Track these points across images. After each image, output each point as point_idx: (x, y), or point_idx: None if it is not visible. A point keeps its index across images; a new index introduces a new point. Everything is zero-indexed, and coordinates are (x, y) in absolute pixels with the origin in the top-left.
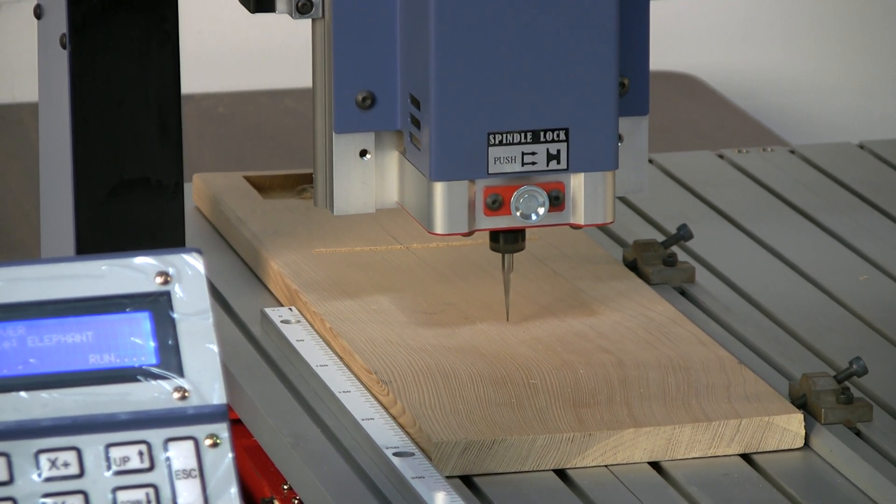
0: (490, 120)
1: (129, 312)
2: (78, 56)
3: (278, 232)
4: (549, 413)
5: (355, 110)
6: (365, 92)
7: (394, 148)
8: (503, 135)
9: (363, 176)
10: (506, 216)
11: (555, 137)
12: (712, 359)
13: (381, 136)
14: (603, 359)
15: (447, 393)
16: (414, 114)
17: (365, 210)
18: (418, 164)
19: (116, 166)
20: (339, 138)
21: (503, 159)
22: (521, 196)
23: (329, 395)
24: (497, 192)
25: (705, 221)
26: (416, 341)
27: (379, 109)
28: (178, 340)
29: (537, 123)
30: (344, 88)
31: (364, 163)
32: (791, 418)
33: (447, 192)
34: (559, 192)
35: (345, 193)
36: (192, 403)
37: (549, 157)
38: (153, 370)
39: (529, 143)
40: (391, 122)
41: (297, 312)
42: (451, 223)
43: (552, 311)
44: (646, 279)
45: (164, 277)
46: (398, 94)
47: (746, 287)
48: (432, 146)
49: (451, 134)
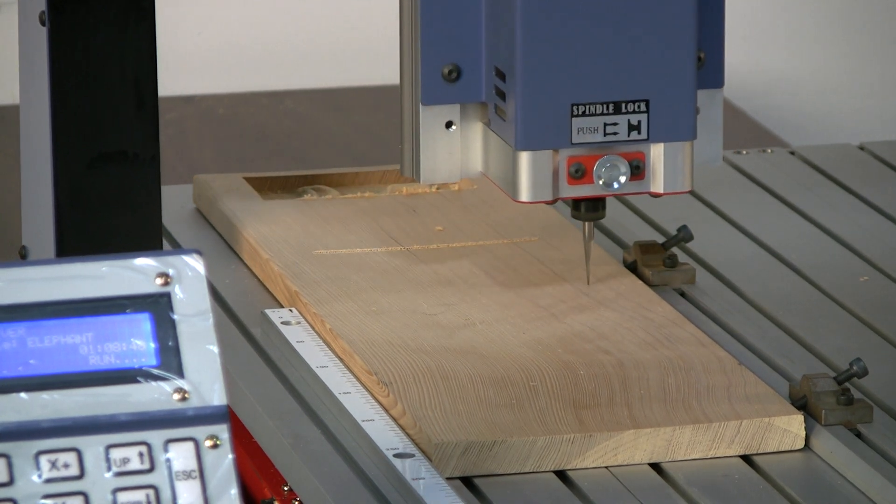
0: (573, 91)
1: (129, 313)
2: (56, 33)
3: (278, 233)
4: (549, 414)
5: (441, 83)
6: (451, 65)
7: (478, 119)
8: (586, 106)
9: (449, 146)
10: (588, 185)
11: (635, 108)
12: (712, 360)
13: (465, 107)
14: (603, 360)
15: (447, 394)
16: (499, 86)
17: (450, 179)
18: (503, 135)
19: (95, 139)
20: (426, 110)
21: (586, 130)
22: (604, 165)
23: (329, 397)
24: (580, 161)
25: (705, 223)
26: (417, 342)
27: (464, 82)
28: (178, 341)
29: (619, 95)
30: (431, 61)
31: (450, 133)
32: (791, 419)
33: (532, 161)
34: (640, 162)
35: (431, 163)
36: (193, 404)
37: (630, 128)
38: (153, 371)
39: (611, 114)
40: (476, 94)
41: (297, 314)
42: (535, 191)
43: (552, 313)
44: (646, 280)
45: (164, 279)
46: (483, 67)
47: (746, 288)
48: (518, 117)
49: (536, 105)
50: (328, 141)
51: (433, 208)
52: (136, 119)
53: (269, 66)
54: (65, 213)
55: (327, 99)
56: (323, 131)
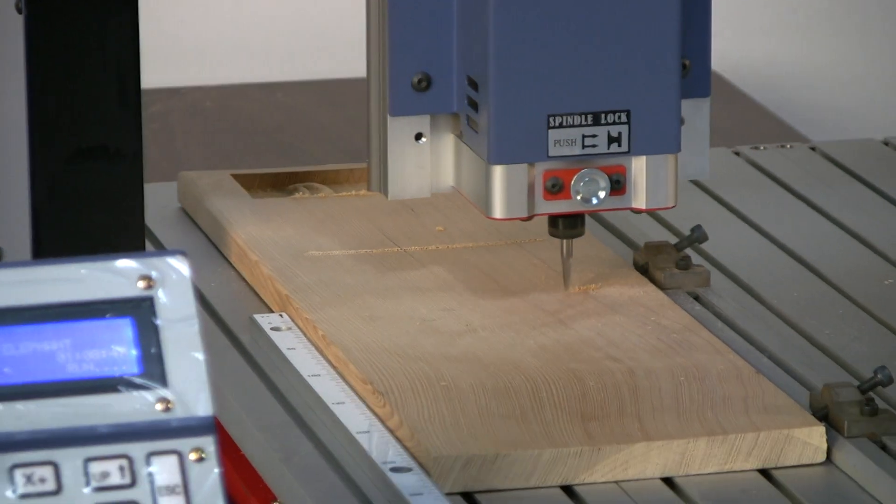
0: (549, 102)
1: (109, 319)
2: (34, 21)
3: (268, 234)
4: (555, 426)
5: (411, 92)
6: (421, 74)
7: (450, 131)
8: (563, 117)
9: (418, 159)
10: (566, 200)
11: (616, 119)
12: (728, 368)
13: (436, 118)
14: (612, 368)
15: (447, 405)
16: (471, 96)
17: (420, 194)
18: (476, 148)
19: (74, 134)
20: (394, 121)
21: (563, 142)
22: (582, 179)
23: (322, 407)
24: (557, 175)
25: (721, 222)
26: (415, 350)
27: (435, 92)
28: (161, 348)
29: (598, 105)
30: (400, 70)
31: (419, 146)
32: (812, 431)
33: (506, 175)
34: (620, 176)
35: (399, 178)
36: (177, 415)
37: (610, 140)
38: (135, 380)
39: (590, 125)
40: (447, 104)
41: (288, 319)
42: (509, 207)
43: (559, 318)
44: (658, 284)
45: (147, 281)
46: (455, 76)
47: (764, 292)
48: (491, 129)
49: (510, 116)
50: (321, 136)
51: (432, 208)
52: (118, 112)
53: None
54: (42, 211)
55: (321, 91)
56: (316, 125)
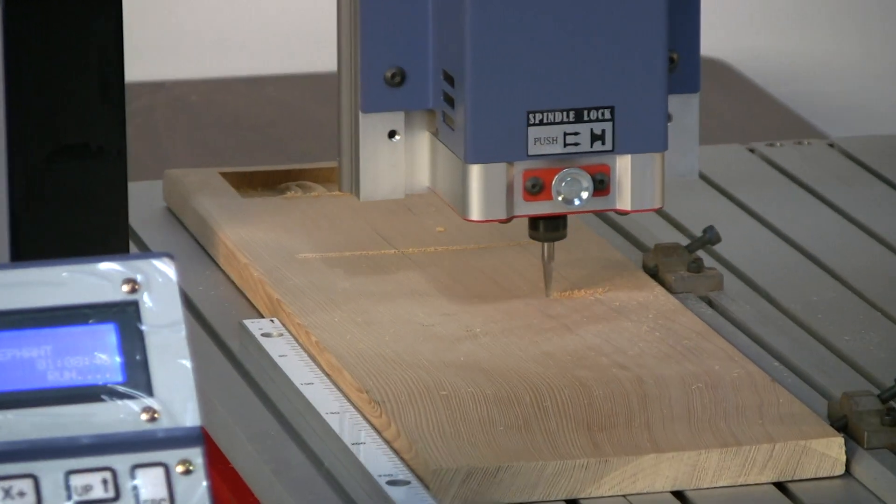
0: (529, 98)
1: (92, 324)
2: (12, 12)
3: (258, 235)
4: (560, 437)
5: (384, 88)
6: (394, 68)
7: (425, 128)
8: (543, 114)
9: (392, 158)
10: (547, 201)
11: (599, 116)
12: (742, 376)
13: (411, 115)
14: (620, 376)
15: (447, 414)
16: (447, 91)
17: (393, 195)
18: (452, 146)
19: (54, 131)
20: (366, 118)
21: (543, 140)
22: (563, 179)
23: (315, 417)
24: (537, 175)
25: (734, 223)
26: (413, 356)
27: (409, 87)
28: (146, 355)
29: (580, 101)
30: (372, 64)
31: (393, 144)
32: (830, 442)
33: (483, 175)
34: (604, 176)
35: (372, 177)
36: (163, 426)
37: (594, 138)
38: (119, 388)
39: (572, 122)
40: (422, 100)
41: (279, 324)
42: (487, 209)
43: (564, 323)
44: (668, 287)
45: (131, 285)
46: (430, 71)
47: (780, 295)
48: (467, 126)
49: (488, 113)
50: (314, 132)
51: (432, 207)
52: (101, 108)
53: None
54: (21, 212)
55: (314, 85)
56: (308, 121)
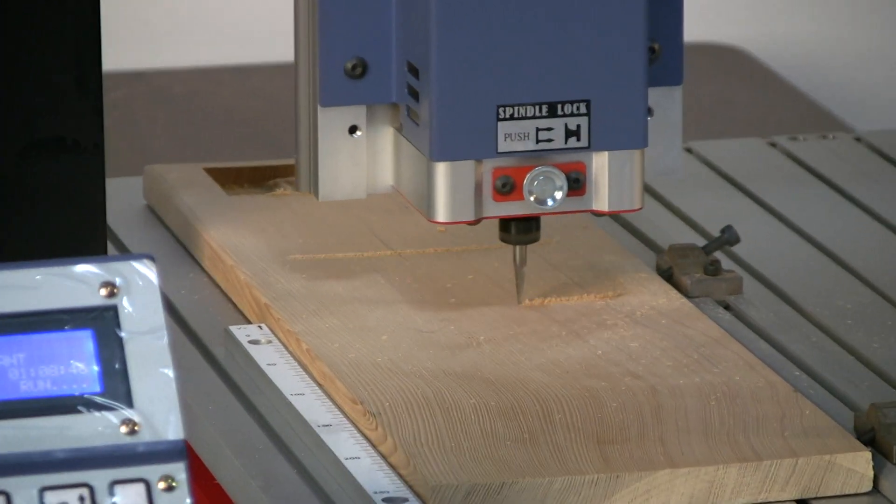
0: (499, 91)
1: (67, 330)
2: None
3: (246, 235)
4: (568, 451)
5: (344, 80)
6: (355, 59)
7: (388, 123)
8: (514, 108)
9: (353, 155)
10: (518, 202)
11: (574, 111)
12: (763, 386)
13: (373, 109)
14: (633, 386)
15: (447, 427)
16: (412, 84)
17: (354, 195)
18: (417, 143)
19: (27, 124)
20: (325, 112)
21: (515, 136)
22: (536, 178)
23: (306, 430)
24: (508, 173)
25: (754, 222)
26: (411, 365)
27: (371, 79)
28: (126, 364)
29: (554, 95)
30: (331, 55)
31: (354, 140)
32: (857, 457)
33: (450, 173)
34: (579, 174)
35: (331, 176)
36: (144, 439)
37: (568, 134)
38: (96, 399)
39: (545, 117)
40: (385, 93)
41: (267, 331)
42: (454, 210)
43: (573, 329)
44: (684, 291)
45: (109, 289)
46: (393, 62)
47: (803, 300)
48: (433, 121)
49: (455, 107)
50: None
51: None
52: (77, 100)
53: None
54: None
55: None
56: None
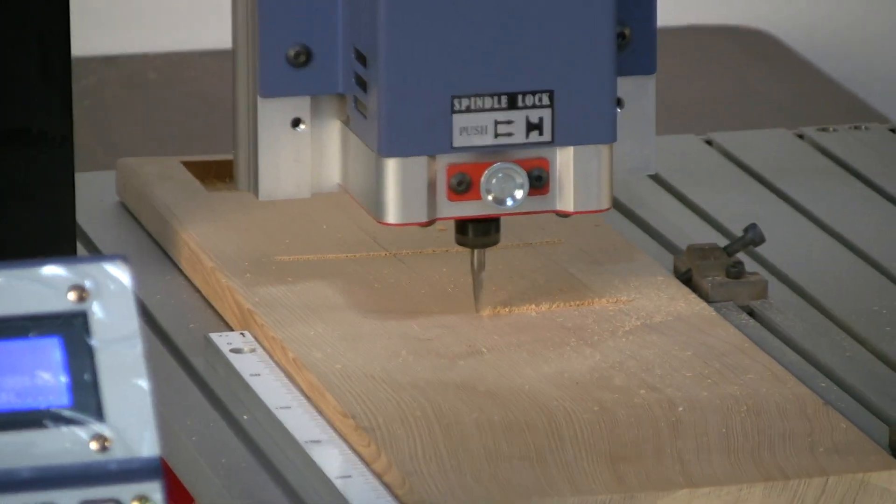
0: (454, 80)
1: (33, 338)
2: None
3: (227, 234)
4: (578, 469)
5: (286, 69)
6: (298, 46)
7: (334, 116)
8: (471, 99)
9: (296, 151)
10: (475, 201)
11: (536, 102)
12: (790, 399)
13: (318, 101)
14: (648, 399)
15: (446, 443)
16: (359, 73)
17: (298, 194)
18: (365, 137)
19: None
20: (265, 104)
21: (471, 130)
22: (494, 176)
23: (293, 447)
24: (464, 170)
25: (781, 220)
26: (407, 376)
27: (315, 68)
28: (96, 375)
29: (514, 85)
30: (271, 42)
31: (297, 134)
32: (892, 475)
33: (401, 170)
34: (542, 171)
35: (273, 173)
36: (116, 456)
37: (529, 127)
38: (64, 413)
39: (504, 109)
40: (331, 83)
41: (251, 338)
42: (405, 210)
43: (582, 337)
44: (704, 295)
45: (78, 293)
46: (339, 49)
47: (834, 305)
48: (382, 113)
49: (406, 98)
50: None
51: None
52: (43, 87)
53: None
54: None
55: None
56: None
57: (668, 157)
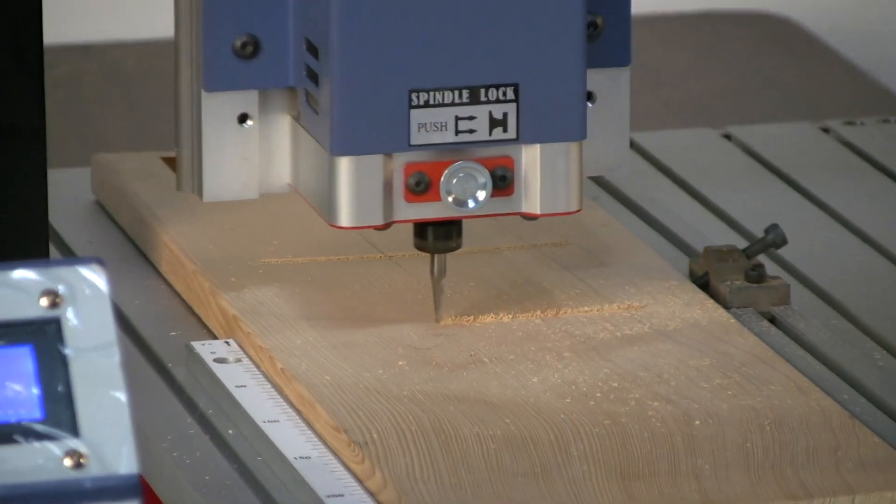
0: (412, 73)
1: (2, 347)
2: None
3: (210, 236)
4: (586, 487)
5: (232, 61)
6: (245, 36)
7: (284, 111)
8: (430, 93)
9: (243, 148)
10: (434, 203)
11: (500, 97)
12: (814, 411)
13: (266, 95)
14: (662, 412)
15: (445, 459)
16: (311, 65)
17: (245, 195)
18: (317, 134)
19: None
20: (210, 98)
21: (430, 126)
22: (455, 176)
23: (281, 463)
24: (422, 170)
25: (804, 220)
26: (403, 387)
27: (263, 59)
28: (71, 386)
29: (476, 78)
30: (217, 31)
31: (244, 131)
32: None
33: (355, 170)
34: (506, 171)
35: (218, 173)
36: (91, 473)
37: (493, 124)
38: (36, 427)
39: (466, 104)
40: (280, 76)
41: (236, 347)
42: (359, 213)
43: (592, 345)
44: (722, 301)
45: (51, 298)
46: (290, 39)
47: (862, 311)
48: (335, 109)
49: (361, 92)
50: None
51: None
52: (14, 77)
53: None
54: None
55: None
56: None
57: (683, 152)
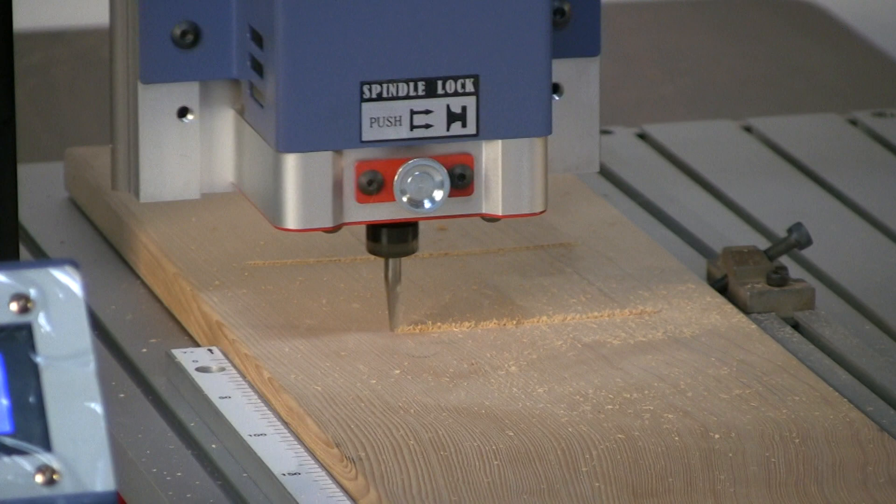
0: (364, 64)
1: None
2: None
3: (192, 235)
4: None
5: (171, 50)
6: (185, 24)
7: (227, 105)
8: (383, 85)
9: (183, 145)
10: (387, 204)
11: (459, 89)
12: (840, 424)
13: (208, 87)
14: (678, 425)
15: (444, 475)
16: (255, 55)
17: (185, 195)
18: (261, 129)
19: None
20: (147, 90)
21: (383, 121)
22: (410, 174)
23: (268, 480)
24: (375, 168)
25: (830, 219)
26: (399, 398)
27: (205, 49)
28: (42, 397)
29: (433, 69)
30: (154, 18)
31: (184, 126)
32: None
33: (302, 168)
34: (465, 169)
35: (155, 171)
36: (65, 491)
37: (451, 118)
38: (6, 441)
39: (422, 97)
40: (223, 67)
41: (220, 355)
42: (307, 214)
43: (601, 353)
44: (742, 305)
45: (22, 303)
46: (233, 27)
47: (890, 317)
48: (280, 102)
49: (308, 84)
50: None
51: None
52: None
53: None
54: None
55: None
56: None
57: (701, 146)
